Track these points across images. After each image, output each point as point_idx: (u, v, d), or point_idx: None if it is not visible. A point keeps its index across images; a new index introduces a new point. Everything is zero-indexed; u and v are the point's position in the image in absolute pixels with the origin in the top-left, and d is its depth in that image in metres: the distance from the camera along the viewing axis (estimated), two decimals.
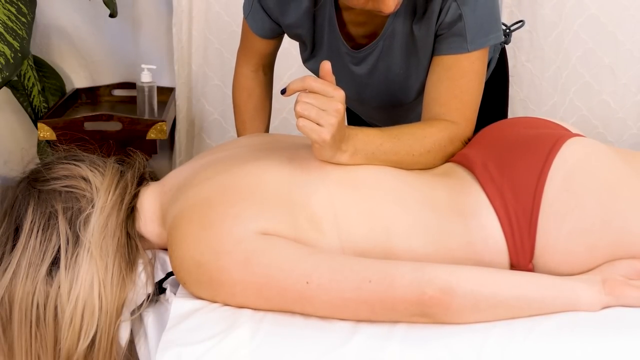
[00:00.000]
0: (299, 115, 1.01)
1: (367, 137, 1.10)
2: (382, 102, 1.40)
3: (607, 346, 0.90)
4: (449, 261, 1.01)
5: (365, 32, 1.29)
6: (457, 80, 1.20)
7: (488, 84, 1.49)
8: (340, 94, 1.02)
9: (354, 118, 1.70)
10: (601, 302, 0.96)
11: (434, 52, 1.23)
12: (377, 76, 1.33)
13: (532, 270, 1.02)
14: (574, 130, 1.18)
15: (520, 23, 1.53)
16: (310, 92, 1.01)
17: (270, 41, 1.45)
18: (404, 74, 1.31)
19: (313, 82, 1.01)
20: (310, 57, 1.39)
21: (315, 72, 1.39)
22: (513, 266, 1.02)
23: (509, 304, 0.94)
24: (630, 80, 2.37)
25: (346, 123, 1.75)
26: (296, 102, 1.01)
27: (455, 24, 1.18)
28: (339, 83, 1.41)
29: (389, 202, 1.05)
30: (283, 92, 1.03)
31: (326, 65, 1.03)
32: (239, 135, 1.54)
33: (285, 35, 1.44)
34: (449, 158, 1.18)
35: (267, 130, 1.56)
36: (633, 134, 2.42)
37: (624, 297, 0.97)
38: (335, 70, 1.30)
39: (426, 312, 0.92)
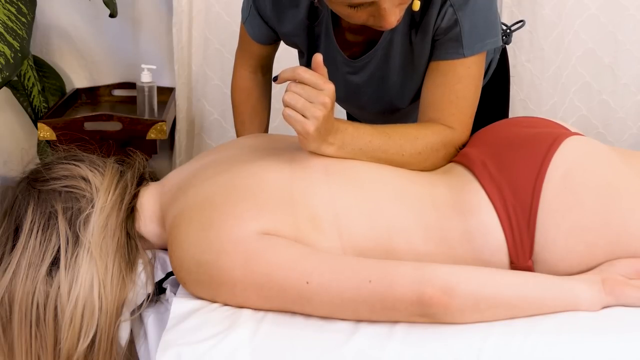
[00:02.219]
0: (285, 104, 1.01)
1: (357, 132, 1.10)
2: (379, 109, 1.40)
3: (607, 346, 0.90)
4: (449, 259, 1.02)
5: (362, 38, 1.28)
6: (453, 86, 1.19)
7: (489, 85, 1.49)
8: (329, 87, 1.02)
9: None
10: (601, 302, 0.96)
11: (430, 58, 1.22)
12: (373, 84, 1.33)
13: (532, 267, 1.02)
14: (573, 129, 1.18)
15: (521, 23, 1.52)
16: (300, 82, 1.01)
17: (267, 46, 1.45)
18: (400, 81, 1.31)
19: (304, 72, 1.01)
20: (307, 65, 1.38)
21: None
22: (513, 263, 1.02)
23: (509, 304, 0.94)
24: (630, 80, 2.36)
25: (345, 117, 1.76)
26: (285, 90, 1.02)
27: (451, 30, 1.17)
28: (336, 89, 1.41)
29: (391, 200, 1.05)
30: (275, 79, 1.04)
31: (318, 58, 1.03)
32: (238, 136, 1.54)
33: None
34: (443, 163, 1.18)
35: (266, 130, 1.56)
36: (633, 134, 2.42)
37: (623, 297, 0.97)
38: (331, 79, 1.30)
39: (426, 312, 0.92)
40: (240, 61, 1.51)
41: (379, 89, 1.34)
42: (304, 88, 1.01)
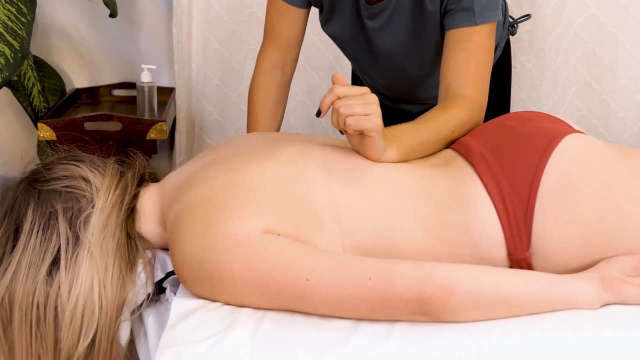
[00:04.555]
0: (345, 115, 1.03)
1: (401, 133, 1.13)
2: (393, 68, 1.46)
3: (606, 344, 0.90)
4: (449, 253, 1.02)
5: None
6: (472, 53, 1.25)
7: (491, 73, 1.51)
8: (367, 88, 1.05)
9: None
10: (600, 300, 0.97)
11: (444, 28, 1.29)
12: (387, 33, 1.39)
13: (529, 258, 1.02)
14: (576, 127, 1.19)
15: (527, 16, 1.58)
16: (343, 97, 1.04)
17: (296, 16, 1.46)
18: (412, 36, 1.38)
19: (341, 88, 1.04)
20: (329, 18, 1.45)
21: (334, 36, 1.49)
22: (511, 254, 1.03)
23: (509, 303, 0.94)
24: (630, 80, 2.36)
25: None
26: (335, 109, 1.04)
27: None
28: (355, 45, 1.48)
29: (391, 197, 1.06)
30: (318, 114, 1.06)
31: (338, 75, 1.06)
32: (248, 132, 1.54)
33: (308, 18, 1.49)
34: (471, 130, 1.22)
35: (277, 130, 1.56)
36: (633, 134, 2.42)
37: (622, 295, 0.97)
38: (351, 30, 1.40)
39: (426, 310, 0.92)
40: (264, 54, 1.52)
41: (392, 39, 1.40)
42: (350, 98, 1.04)
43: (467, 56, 1.25)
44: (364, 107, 1.03)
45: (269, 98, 1.52)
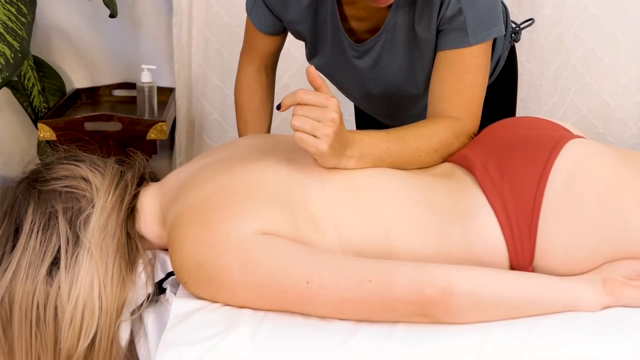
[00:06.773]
0: (295, 129, 1.00)
1: (373, 141, 1.09)
2: (388, 95, 1.40)
3: (607, 346, 0.90)
4: (448, 263, 1.01)
5: (367, 27, 1.29)
6: (461, 76, 1.20)
7: (497, 83, 1.50)
8: (334, 102, 1.01)
9: (361, 115, 1.70)
10: (601, 302, 0.96)
11: (437, 48, 1.24)
12: (380, 69, 1.34)
13: (532, 272, 1.02)
14: (574, 131, 1.18)
15: (530, 21, 1.54)
16: (304, 104, 1.00)
17: (273, 39, 1.45)
18: (408, 66, 1.32)
19: (305, 95, 1.00)
20: (314, 53, 1.40)
21: (320, 69, 1.40)
22: (513, 268, 1.02)
23: (509, 305, 0.94)
24: (630, 80, 2.37)
25: (355, 126, 1.76)
26: (292, 115, 1.01)
27: (455, 19, 1.18)
28: (343, 77, 1.39)
29: (388, 204, 1.05)
30: (278, 107, 1.03)
31: (311, 70, 1.02)
32: (240, 135, 1.54)
33: (287, 35, 1.45)
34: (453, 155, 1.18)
35: (268, 130, 1.56)
36: (633, 134, 2.42)
37: (623, 298, 0.97)
38: (338, 65, 1.29)
39: (426, 312, 0.92)
40: (244, 60, 1.51)
41: (387, 74, 1.35)
42: (310, 109, 1.00)
43: (455, 79, 1.20)
44: (316, 127, 1.00)
45: (255, 99, 1.52)
